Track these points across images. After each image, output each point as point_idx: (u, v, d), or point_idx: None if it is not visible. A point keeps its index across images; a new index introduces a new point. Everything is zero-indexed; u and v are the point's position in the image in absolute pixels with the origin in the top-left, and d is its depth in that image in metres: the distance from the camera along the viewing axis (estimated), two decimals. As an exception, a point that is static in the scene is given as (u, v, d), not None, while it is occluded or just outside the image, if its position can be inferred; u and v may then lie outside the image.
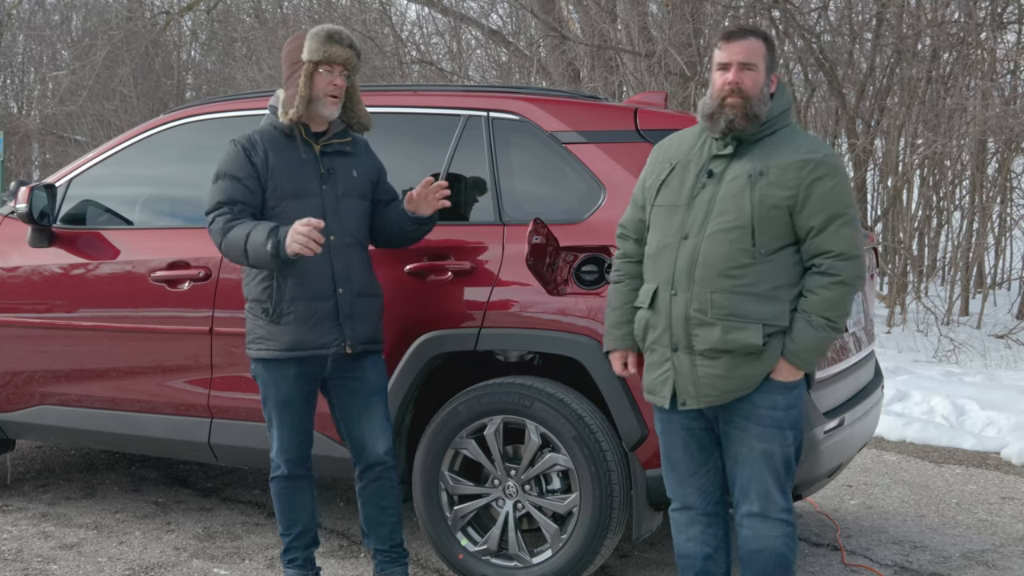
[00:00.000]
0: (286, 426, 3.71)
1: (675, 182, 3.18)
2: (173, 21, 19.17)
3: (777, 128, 3.12)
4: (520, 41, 15.47)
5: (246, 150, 3.67)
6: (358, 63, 3.73)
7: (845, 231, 3.03)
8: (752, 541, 3.15)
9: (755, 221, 3.02)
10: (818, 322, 3.02)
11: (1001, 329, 10.28)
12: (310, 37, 3.68)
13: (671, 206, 3.16)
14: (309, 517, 3.81)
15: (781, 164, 3.04)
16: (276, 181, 3.66)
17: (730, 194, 3.06)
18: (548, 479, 3.93)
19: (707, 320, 3.05)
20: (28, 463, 5.73)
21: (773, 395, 3.09)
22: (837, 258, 3.02)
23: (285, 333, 3.64)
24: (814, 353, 3.07)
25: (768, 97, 3.12)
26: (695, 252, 3.07)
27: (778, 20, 11.22)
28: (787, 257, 3.06)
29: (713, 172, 3.11)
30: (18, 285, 4.69)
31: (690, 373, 3.11)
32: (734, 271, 3.03)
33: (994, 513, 5.20)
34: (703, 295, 3.05)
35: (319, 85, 3.66)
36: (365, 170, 3.81)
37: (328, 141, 3.74)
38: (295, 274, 3.62)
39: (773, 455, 3.11)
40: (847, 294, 3.04)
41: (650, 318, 3.19)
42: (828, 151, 3.10)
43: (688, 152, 3.20)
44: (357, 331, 3.68)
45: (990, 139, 11.05)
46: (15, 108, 24.11)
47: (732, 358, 3.05)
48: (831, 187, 3.03)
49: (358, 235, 3.75)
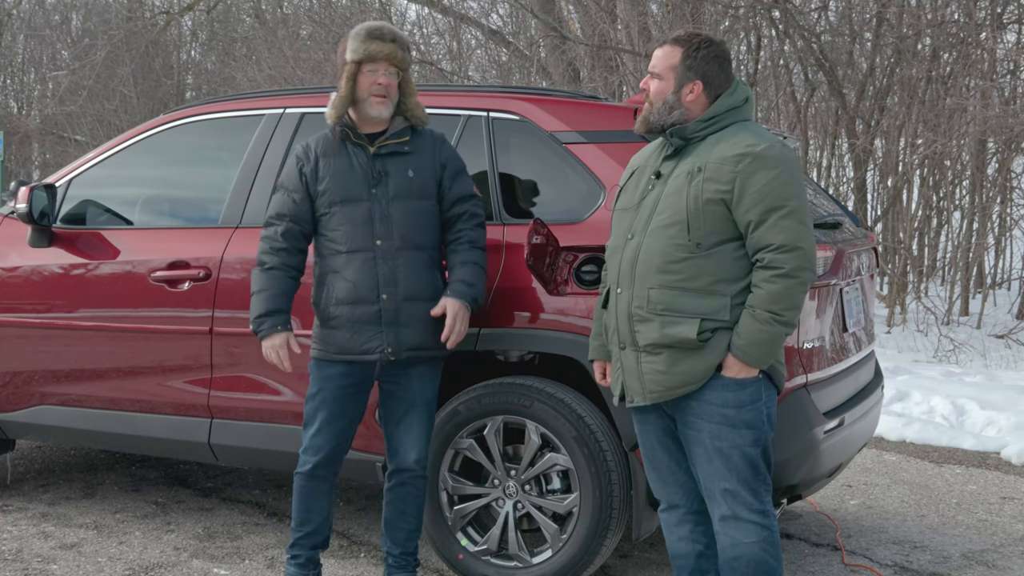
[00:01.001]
0: (323, 427, 3.69)
1: (631, 187, 3.26)
2: (173, 21, 19.17)
3: (726, 124, 3.13)
4: (520, 41, 15.47)
5: (299, 160, 3.70)
6: (405, 57, 3.63)
7: (785, 223, 2.98)
8: (729, 549, 3.12)
9: (690, 216, 3.04)
10: (762, 316, 2.99)
11: (1001, 329, 10.28)
12: (351, 36, 3.62)
13: (623, 209, 3.24)
14: (322, 520, 3.79)
15: (718, 159, 3.06)
16: (325, 188, 3.63)
17: (670, 192, 3.10)
18: (548, 479, 3.93)
19: (645, 316, 3.09)
20: (28, 463, 5.73)
21: (723, 392, 3.07)
22: (778, 251, 2.98)
23: (332, 336, 3.65)
24: (762, 348, 3.02)
25: (679, 104, 3.13)
26: (637, 250, 3.12)
27: (778, 20, 11.22)
28: (728, 252, 3.05)
29: (661, 173, 3.17)
30: (18, 285, 4.69)
31: (635, 369, 3.14)
32: (670, 266, 3.05)
33: (994, 513, 5.20)
34: (642, 291, 3.09)
35: (363, 85, 3.60)
36: (425, 168, 3.68)
37: (384, 142, 3.66)
38: (340, 279, 3.62)
39: (729, 455, 3.07)
40: (792, 287, 2.99)
41: (606, 318, 3.26)
42: (771, 144, 3.06)
43: (647, 158, 3.28)
44: (402, 337, 3.62)
45: (990, 139, 11.05)
46: (15, 108, 24.11)
47: (672, 353, 3.07)
48: (768, 179, 3.00)
49: (411, 238, 3.63)
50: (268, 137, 4.41)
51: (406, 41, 3.68)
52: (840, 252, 4.00)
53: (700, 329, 3.03)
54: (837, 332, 4.03)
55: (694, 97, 3.14)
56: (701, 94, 3.14)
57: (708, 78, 3.14)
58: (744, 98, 3.16)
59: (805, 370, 3.74)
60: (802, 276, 3.00)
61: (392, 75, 3.62)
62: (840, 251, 4.01)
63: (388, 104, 3.62)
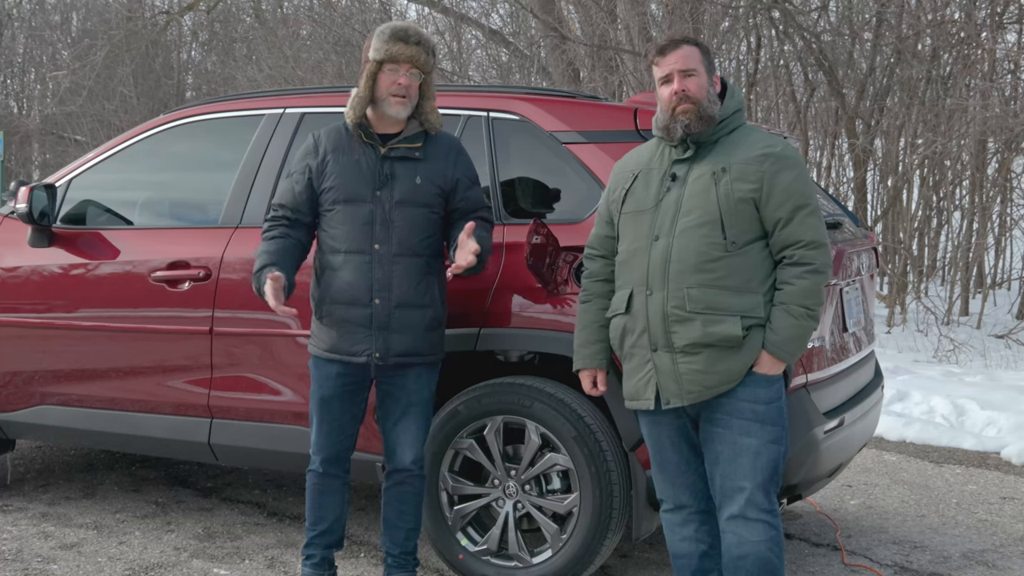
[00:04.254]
0: (324, 424, 3.71)
1: (640, 189, 3.26)
2: (173, 21, 19.17)
3: (733, 127, 3.21)
4: (520, 41, 15.47)
5: (307, 151, 3.70)
6: (429, 60, 3.60)
7: (811, 220, 3.09)
8: (735, 547, 3.14)
9: (723, 215, 3.08)
10: (797, 311, 3.06)
11: (1001, 329, 10.28)
12: (375, 35, 3.59)
13: (638, 211, 3.23)
14: (336, 518, 3.80)
15: (742, 160, 3.12)
16: (331, 185, 3.62)
17: (695, 192, 3.13)
18: (548, 479, 3.93)
19: (685, 315, 3.09)
20: (28, 463, 5.73)
21: (755, 388, 3.11)
22: (807, 247, 3.08)
23: (325, 334, 3.66)
24: (795, 343, 3.10)
25: (716, 97, 3.20)
26: (667, 251, 3.13)
27: (778, 20, 11.22)
28: (757, 251, 3.12)
29: (676, 175, 3.19)
30: (18, 285, 4.69)
31: (671, 371, 3.14)
32: (707, 265, 3.08)
33: (994, 513, 5.20)
34: (679, 291, 3.10)
35: (383, 85, 3.57)
36: (434, 176, 3.63)
37: (396, 145, 3.63)
38: (335, 279, 3.62)
39: (757, 452, 3.10)
40: (820, 282, 3.10)
41: (627, 323, 3.23)
42: (785, 144, 3.18)
43: (648, 161, 3.29)
44: (391, 343, 3.60)
45: (990, 139, 11.05)
46: (15, 108, 24.11)
47: (713, 352, 3.08)
48: (793, 178, 3.10)
49: (411, 245, 3.60)
50: (268, 137, 4.40)
51: (431, 44, 3.64)
52: (840, 252, 4.00)
53: (743, 327, 3.06)
54: (837, 332, 4.03)
55: (718, 90, 3.22)
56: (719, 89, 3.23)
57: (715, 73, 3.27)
58: (741, 101, 3.27)
59: (805, 370, 3.74)
60: (827, 272, 3.11)
61: (414, 76, 3.59)
62: (840, 251, 4.01)
63: (407, 105, 3.60)
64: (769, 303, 3.10)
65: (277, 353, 4.20)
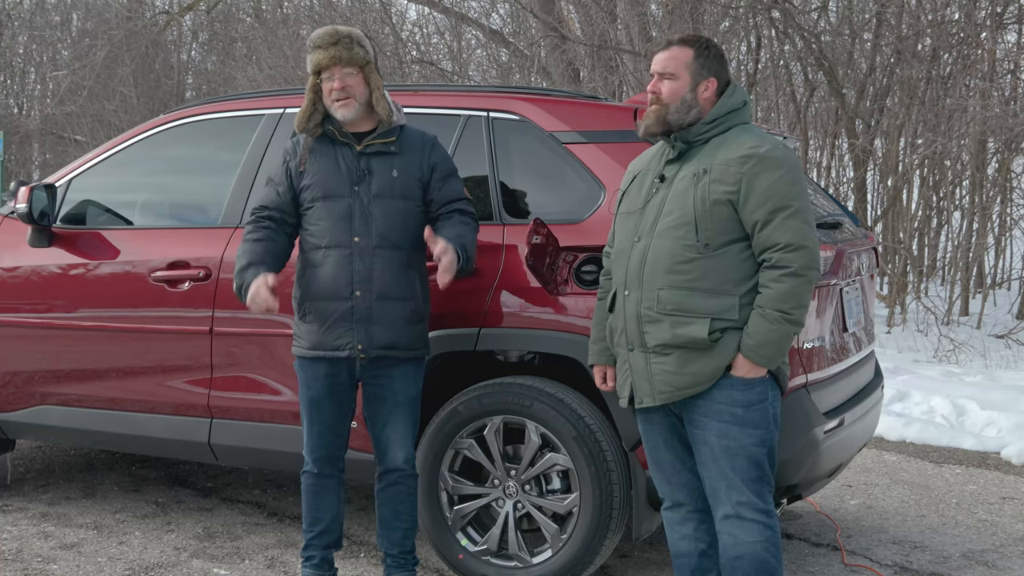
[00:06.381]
0: (315, 425, 3.72)
1: (634, 191, 3.28)
2: (173, 21, 19.18)
3: (729, 127, 3.17)
4: (520, 41, 15.46)
5: (286, 155, 3.75)
6: (357, 52, 3.62)
7: (791, 222, 3.02)
8: (731, 548, 3.13)
9: (698, 217, 3.06)
10: (772, 315, 3.02)
11: (1001, 329, 10.28)
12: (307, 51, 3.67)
13: (627, 212, 3.26)
14: (333, 518, 3.81)
15: (723, 160, 3.09)
16: (309, 183, 3.67)
17: (676, 194, 3.13)
18: (548, 479, 3.93)
19: (655, 316, 3.10)
20: (28, 463, 5.73)
21: (731, 391, 3.08)
22: (785, 250, 3.02)
23: (308, 332, 3.67)
24: (772, 348, 3.05)
25: (696, 101, 3.16)
26: (645, 252, 3.14)
27: (778, 20, 11.22)
28: (736, 253, 3.08)
29: (665, 176, 3.19)
30: (18, 285, 4.69)
31: (644, 371, 3.15)
32: (679, 266, 3.07)
33: (994, 513, 5.20)
34: (651, 292, 3.11)
35: (325, 93, 3.64)
36: (410, 169, 3.69)
37: (371, 141, 3.68)
38: (317, 275, 3.64)
39: (736, 454, 3.09)
40: (800, 285, 3.03)
41: (612, 321, 3.26)
42: (774, 145, 3.11)
43: (648, 163, 3.31)
44: (373, 335, 3.62)
45: (990, 139, 11.05)
46: (15, 108, 24.10)
47: (683, 353, 3.08)
48: (774, 180, 3.04)
49: (390, 237, 3.64)
50: (268, 137, 4.41)
51: (354, 36, 3.65)
52: (840, 252, 4.00)
53: (711, 329, 3.04)
54: (837, 332, 4.03)
55: (710, 94, 3.19)
56: (714, 92, 3.19)
57: (719, 76, 3.21)
58: (743, 101, 3.21)
59: (805, 370, 3.74)
60: (809, 275, 3.04)
61: (348, 75, 3.62)
62: (840, 251, 4.01)
63: (351, 104, 3.63)
64: (748, 306, 3.06)
65: (277, 353, 4.20)
